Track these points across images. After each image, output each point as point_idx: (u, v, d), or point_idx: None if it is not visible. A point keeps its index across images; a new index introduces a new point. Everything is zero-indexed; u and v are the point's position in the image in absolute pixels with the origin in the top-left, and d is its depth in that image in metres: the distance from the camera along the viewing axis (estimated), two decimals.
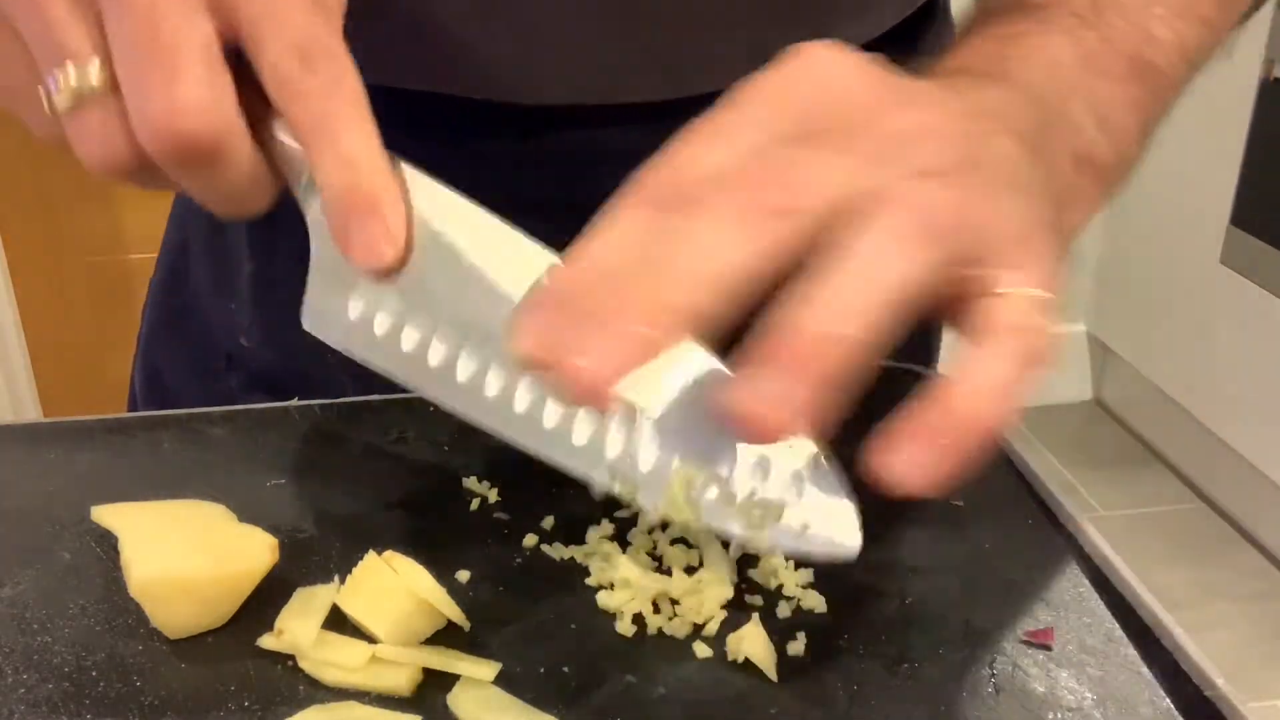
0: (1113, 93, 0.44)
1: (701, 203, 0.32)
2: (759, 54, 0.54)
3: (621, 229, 0.32)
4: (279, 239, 0.62)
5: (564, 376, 0.30)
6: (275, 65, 0.37)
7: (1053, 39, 0.44)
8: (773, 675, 0.37)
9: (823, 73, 0.35)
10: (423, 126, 0.56)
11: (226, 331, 0.63)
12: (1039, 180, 0.37)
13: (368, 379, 0.57)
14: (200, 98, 0.36)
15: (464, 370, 0.38)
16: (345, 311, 0.39)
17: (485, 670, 0.36)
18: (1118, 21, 0.45)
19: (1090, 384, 2.57)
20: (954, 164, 0.34)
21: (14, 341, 2.04)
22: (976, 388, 0.32)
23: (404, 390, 0.51)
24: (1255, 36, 1.87)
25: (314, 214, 0.39)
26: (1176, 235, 2.18)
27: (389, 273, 0.37)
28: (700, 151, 0.33)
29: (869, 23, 0.57)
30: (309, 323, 0.40)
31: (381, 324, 0.38)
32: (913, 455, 0.32)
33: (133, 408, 0.67)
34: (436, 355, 0.38)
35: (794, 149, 0.33)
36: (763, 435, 0.31)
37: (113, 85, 0.36)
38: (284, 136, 0.38)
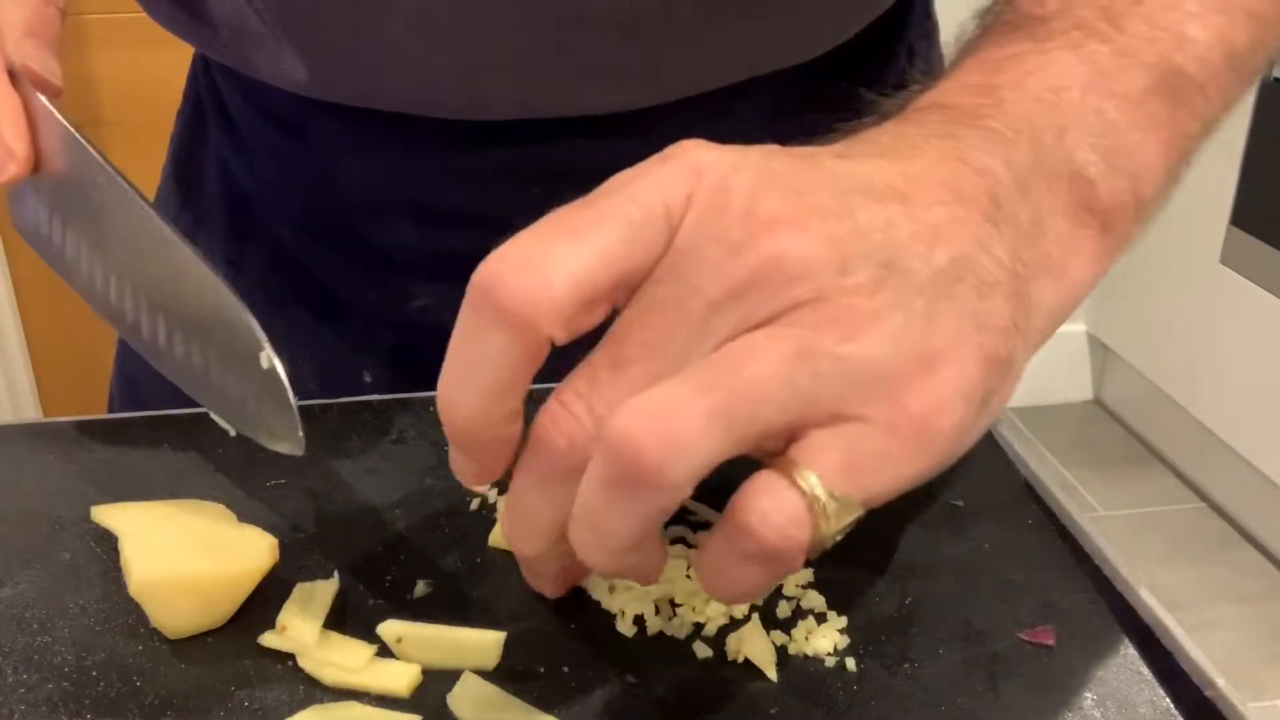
0: (1129, 117, 0.37)
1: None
2: (701, 69, 0.54)
3: None
4: (250, 248, 0.63)
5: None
6: None
7: (1055, 58, 0.38)
8: (773, 675, 0.37)
9: (691, 182, 0.31)
10: (376, 143, 0.57)
11: None
12: (991, 258, 0.32)
13: (333, 382, 0.57)
14: None
15: (101, 281, 0.44)
16: (26, 212, 0.45)
17: (490, 652, 0.37)
18: (1139, 27, 0.38)
19: (1090, 384, 2.57)
20: (809, 294, 0.30)
21: (14, 341, 2.04)
22: (703, 570, 0.32)
23: (401, 390, 0.52)
24: None
25: None
26: (1176, 235, 2.17)
27: (18, 180, 0.43)
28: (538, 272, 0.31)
29: (822, 35, 0.55)
30: (14, 222, 0.46)
31: (45, 226, 0.45)
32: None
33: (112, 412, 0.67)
34: (77, 255, 0.45)
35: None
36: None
37: None
38: None
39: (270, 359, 0.40)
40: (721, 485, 0.41)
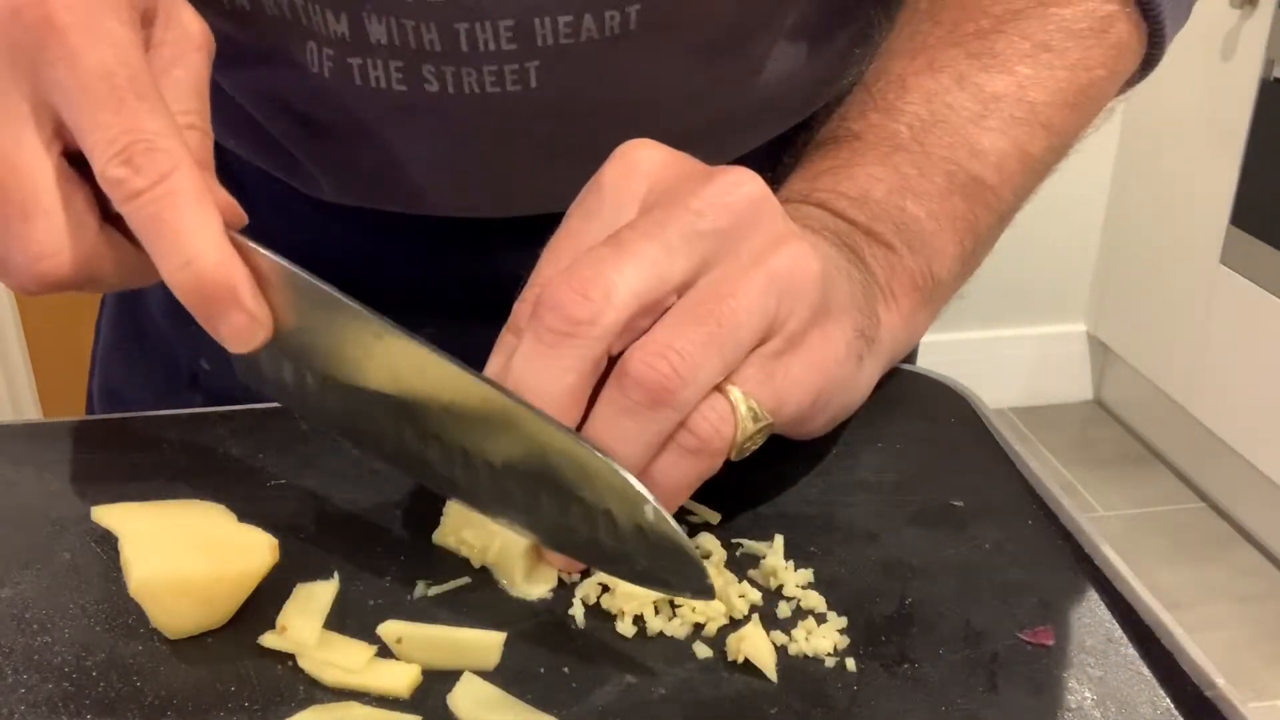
0: (927, 211, 0.47)
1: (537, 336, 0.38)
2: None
3: (496, 361, 0.40)
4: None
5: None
6: (103, 174, 0.37)
7: (863, 170, 0.47)
8: (773, 675, 0.37)
9: (643, 164, 0.41)
10: (385, 225, 0.60)
11: (189, 353, 0.63)
12: (843, 274, 0.43)
13: None
14: (53, 242, 0.37)
15: (354, 414, 0.40)
16: (260, 367, 0.40)
17: (490, 652, 0.37)
18: (941, 140, 0.48)
19: (1090, 384, 2.57)
20: (777, 237, 0.39)
21: (14, 341, 2.04)
22: (654, 483, 0.38)
23: None
24: (1255, 36, 1.87)
25: None
26: (1176, 235, 2.18)
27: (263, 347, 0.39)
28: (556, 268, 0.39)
29: (757, 136, 0.60)
30: (241, 376, 0.42)
31: (288, 377, 0.41)
32: None
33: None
34: (336, 405, 0.41)
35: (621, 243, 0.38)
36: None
37: None
38: None
39: (656, 510, 0.36)
40: (721, 486, 0.41)
